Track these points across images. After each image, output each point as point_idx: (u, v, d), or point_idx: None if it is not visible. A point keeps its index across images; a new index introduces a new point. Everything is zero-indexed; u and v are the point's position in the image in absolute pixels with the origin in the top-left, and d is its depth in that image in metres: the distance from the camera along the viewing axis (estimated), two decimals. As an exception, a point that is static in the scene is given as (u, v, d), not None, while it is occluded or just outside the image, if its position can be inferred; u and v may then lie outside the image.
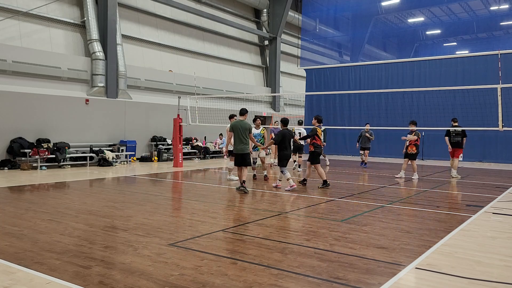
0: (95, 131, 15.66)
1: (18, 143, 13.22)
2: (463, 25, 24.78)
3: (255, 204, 7.74)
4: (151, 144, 17.72)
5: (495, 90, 10.91)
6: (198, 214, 6.70)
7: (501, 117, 10.71)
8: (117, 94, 16.38)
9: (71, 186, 9.76)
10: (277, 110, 25.66)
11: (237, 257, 4.45)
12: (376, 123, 19.63)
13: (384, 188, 10.14)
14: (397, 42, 27.22)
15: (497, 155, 17.81)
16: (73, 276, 3.79)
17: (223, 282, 3.70)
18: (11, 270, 3.97)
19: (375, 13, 24.48)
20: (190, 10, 20.49)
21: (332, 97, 21.65)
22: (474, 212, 7.15)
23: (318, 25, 25.62)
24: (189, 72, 19.91)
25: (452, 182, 11.69)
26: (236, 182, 10.42)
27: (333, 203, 7.93)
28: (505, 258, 4.55)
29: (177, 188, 10.11)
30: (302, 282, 3.76)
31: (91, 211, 6.78)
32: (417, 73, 19.75)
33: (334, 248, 4.83)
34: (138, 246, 4.77)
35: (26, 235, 5.21)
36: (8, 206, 7.11)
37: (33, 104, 13.82)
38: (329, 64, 23.91)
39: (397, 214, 6.93)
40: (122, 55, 16.62)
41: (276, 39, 25.50)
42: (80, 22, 16.12)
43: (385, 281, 3.81)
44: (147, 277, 3.79)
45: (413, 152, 12.04)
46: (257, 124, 11.57)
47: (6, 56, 13.40)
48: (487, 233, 5.70)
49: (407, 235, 5.48)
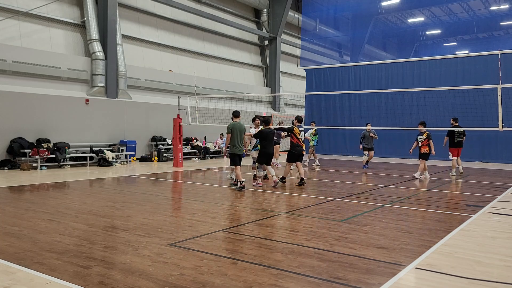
0: (95, 131, 15.66)
1: (18, 143, 13.22)
2: (463, 25, 24.78)
3: (255, 204, 7.74)
4: (151, 144, 17.72)
5: (495, 90, 10.91)
6: (198, 214, 6.70)
7: (501, 117, 10.71)
8: (117, 94, 16.38)
9: (71, 186, 9.76)
10: (277, 110, 25.66)
11: (237, 257, 4.46)
12: (376, 123, 19.61)
13: (384, 188, 10.14)
14: (397, 42, 27.23)
15: (497, 155, 17.79)
16: (73, 276, 3.79)
17: (223, 282, 3.70)
18: (11, 270, 3.97)
19: (375, 13, 24.48)
20: (190, 10, 20.50)
21: (332, 97, 21.64)
22: (474, 212, 7.15)
23: (318, 25, 25.61)
24: (189, 72, 19.92)
25: (452, 182, 11.70)
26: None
27: (333, 203, 7.93)
28: (505, 258, 4.55)
29: (177, 188, 10.11)
30: (302, 282, 3.76)
31: (91, 211, 6.78)
32: (417, 73, 19.74)
33: (334, 248, 4.83)
34: (138, 246, 4.77)
35: (26, 235, 5.21)
36: (8, 206, 7.11)
37: (33, 104, 13.82)
38: (329, 64, 23.89)
39: (397, 214, 6.94)
40: (122, 55, 16.62)
41: (276, 39, 25.50)
42: (80, 22, 16.12)
43: (385, 281, 3.81)
44: (147, 277, 3.79)
45: (426, 152, 12.10)
46: (256, 124, 11.61)
47: (6, 56, 13.40)
48: (487, 233, 5.70)
49: (407, 235, 5.49)
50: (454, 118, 13.23)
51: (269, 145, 10.00)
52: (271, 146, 10.13)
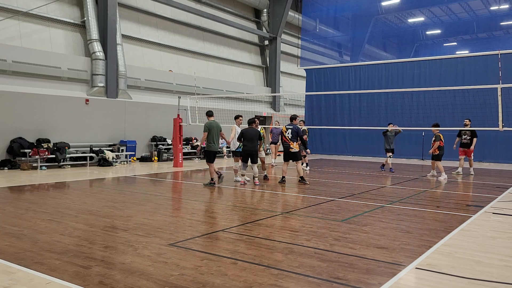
0: (95, 131, 15.66)
1: (18, 143, 13.22)
2: (463, 25, 24.78)
3: (255, 204, 7.74)
4: (151, 144, 17.72)
5: (495, 90, 10.92)
6: (198, 214, 6.70)
7: (501, 117, 10.71)
8: (117, 94, 16.38)
9: (71, 186, 9.76)
10: (277, 110, 25.66)
11: (237, 257, 4.45)
12: (376, 123, 19.62)
13: (384, 188, 10.14)
14: (397, 42, 27.23)
15: (497, 155, 17.80)
16: (73, 276, 3.79)
17: (223, 282, 3.70)
18: (11, 270, 3.97)
19: (375, 13, 24.48)
20: (190, 10, 20.49)
21: (332, 97, 21.65)
22: (474, 212, 7.15)
23: (318, 25, 25.63)
24: (189, 72, 19.91)
25: (453, 182, 11.70)
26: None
27: (333, 203, 7.93)
28: (505, 258, 4.55)
29: (177, 188, 10.11)
30: (302, 282, 3.76)
31: (91, 211, 6.78)
32: (417, 73, 19.75)
33: (334, 248, 4.83)
34: (138, 246, 4.77)
35: (26, 235, 5.21)
36: (8, 206, 7.11)
37: (33, 104, 13.81)
38: (329, 64, 23.91)
39: (397, 214, 6.93)
40: (122, 55, 16.62)
41: (276, 39, 25.49)
42: (80, 22, 16.12)
43: (385, 281, 3.81)
44: (147, 277, 3.79)
45: (435, 153, 12.17)
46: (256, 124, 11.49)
47: (6, 56, 13.40)
48: (487, 233, 5.70)
49: (407, 235, 5.48)
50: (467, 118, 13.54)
51: (250, 144, 10.21)
52: (253, 145, 10.24)
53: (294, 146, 10.52)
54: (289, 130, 10.59)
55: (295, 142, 10.55)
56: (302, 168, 10.88)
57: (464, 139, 13.04)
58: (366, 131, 19.88)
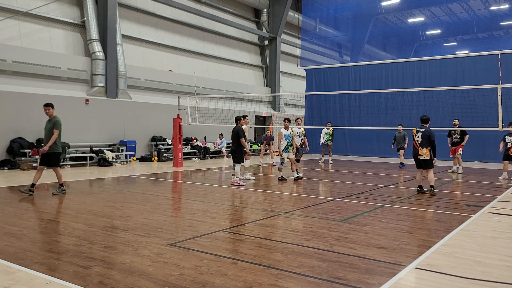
0: (95, 131, 15.65)
1: (18, 143, 13.22)
2: (463, 25, 24.75)
3: (255, 204, 7.74)
4: (151, 144, 17.72)
5: (495, 90, 10.91)
6: (198, 214, 6.70)
7: (501, 117, 10.71)
8: (117, 94, 16.37)
9: (71, 186, 9.76)
10: (277, 110, 25.65)
11: (237, 257, 4.45)
12: (376, 123, 19.62)
13: (384, 188, 10.13)
14: (397, 42, 27.19)
15: (497, 155, 17.74)
16: (73, 276, 3.79)
17: (223, 282, 3.70)
18: (11, 270, 3.97)
19: (375, 13, 24.47)
20: (190, 10, 20.49)
21: (332, 97, 21.64)
22: (474, 212, 7.14)
23: (318, 25, 25.62)
24: (189, 72, 19.91)
25: (452, 182, 11.70)
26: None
27: (333, 203, 7.93)
28: (505, 258, 4.55)
29: (177, 188, 10.10)
30: (302, 282, 3.76)
31: (91, 211, 6.77)
32: (417, 73, 19.75)
33: (334, 248, 4.83)
34: (138, 246, 4.77)
35: (26, 235, 5.21)
36: (8, 206, 7.11)
37: (33, 104, 13.80)
38: (329, 64, 23.91)
39: (397, 214, 6.93)
40: (122, 55, 16.61)
41: (276, 39, 25.49)
42: (80, 22, 16.12)
43: (385, 281, 3.81)
44: (147, 277, 3.79)
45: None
46: (286, 125, 11.32)
47: (6, 56, 13.39)
48: (487, 233, 5.69)
49: (407, 235, 5.48)
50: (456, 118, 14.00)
51: (233, 144, 10.39)
52: (234, 144, 10.39)
53: (424, 154, 8.90)
54: (419, 134, 8.94)
55: (424, 148, 8.88)
56: (433, 177, 9.12)
57: (455, 138, 13.50)
58: (366, 131, 19.88)
